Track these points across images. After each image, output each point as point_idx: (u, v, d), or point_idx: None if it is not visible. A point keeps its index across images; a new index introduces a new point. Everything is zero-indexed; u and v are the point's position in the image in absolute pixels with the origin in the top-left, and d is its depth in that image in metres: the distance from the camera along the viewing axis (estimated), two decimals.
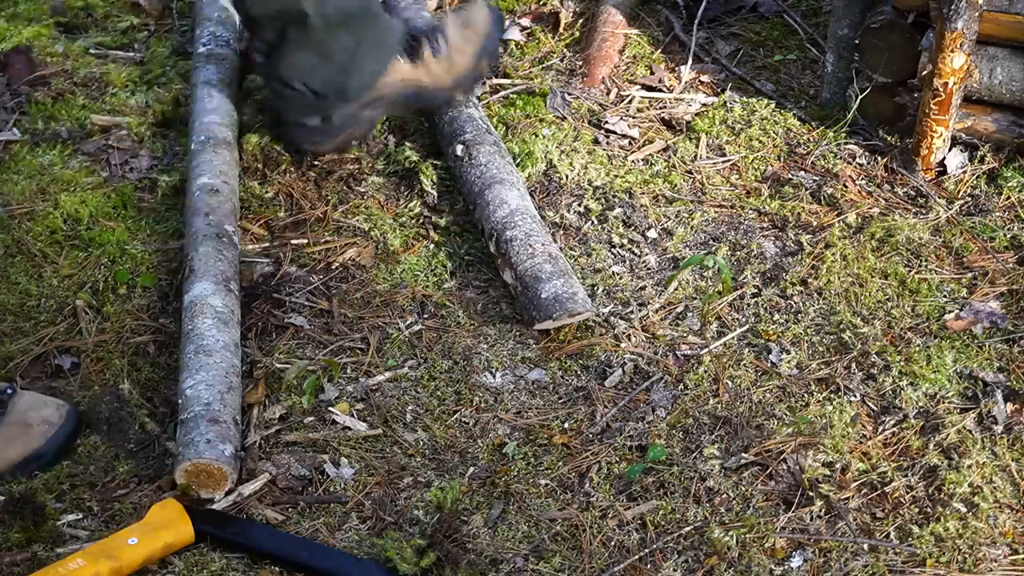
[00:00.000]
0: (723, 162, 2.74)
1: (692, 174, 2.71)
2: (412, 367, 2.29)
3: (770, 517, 1.98)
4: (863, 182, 2.66)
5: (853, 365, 2.25)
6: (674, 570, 1.91)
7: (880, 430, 2.13)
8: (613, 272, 2.46)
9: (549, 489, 2.06)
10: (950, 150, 2.66)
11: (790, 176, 2.68)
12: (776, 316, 2.36)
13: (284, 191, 2.67)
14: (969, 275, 2.42)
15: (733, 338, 2.31)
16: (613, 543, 1.96)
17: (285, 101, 2.63)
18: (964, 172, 2.64)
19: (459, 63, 2.65)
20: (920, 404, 2.17)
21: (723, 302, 2.39)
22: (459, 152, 2.61)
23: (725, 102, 2.89)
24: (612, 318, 2.36)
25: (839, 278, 2.42)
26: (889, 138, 2.75)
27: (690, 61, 3.03)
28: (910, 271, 2.43)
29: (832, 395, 2.19)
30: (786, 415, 2.15)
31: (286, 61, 2.56)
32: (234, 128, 2.70)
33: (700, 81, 2.99)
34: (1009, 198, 2.58)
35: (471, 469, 2.10)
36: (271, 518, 2.02)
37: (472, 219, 2.54)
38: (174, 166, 2.75)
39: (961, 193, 2.61)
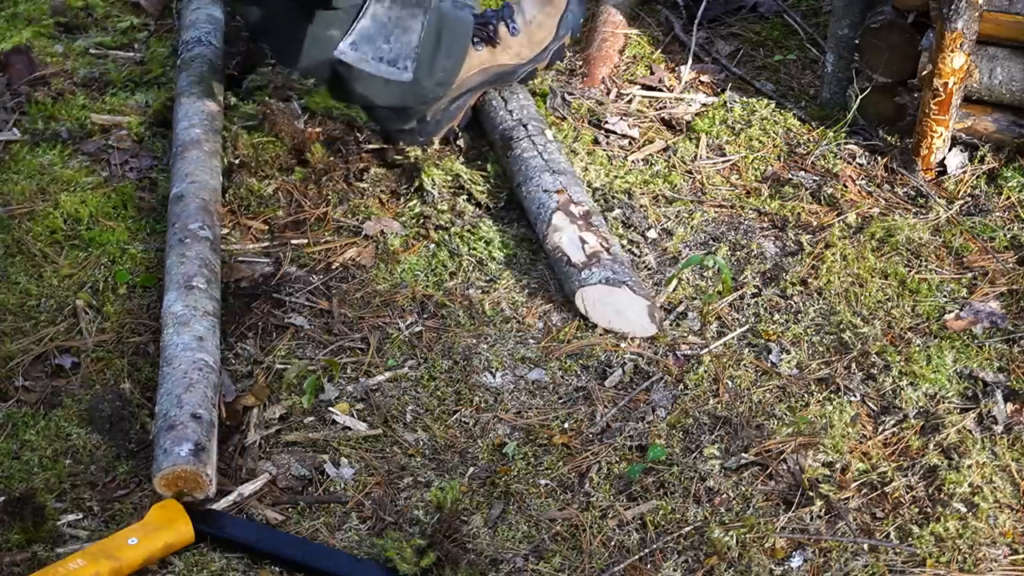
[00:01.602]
0: (723, 162, 2.74)
1: (692, 174, 2.71)
2: (412, 367, 2.29)
3: (770, 517, 1.98)
4: (863, 182, 2.66)
5: (853, 365, 2.25)
6: (674, 570, 1.91)
7: (880, 430, 2.13)
8: None
9: (549, 489, 2.06)
10: (950, 150, 2.66)
11: (790, 176, 2.68)
12: (776, 316, 2.36)
13: (284, 189, 2.67)
14: (969, 275, 2.42)
15: (733, 338, 2.31)
16: (613, 543, 1.96)
17: (372, 118, 2.68)
18: (964, 172, 2.64)
19: (539, 37, 2.68)
20: (920, 404, 2.17)
21: (723, 302, 2.39)
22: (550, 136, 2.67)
23: (725, 102, 2.89)
24: None
25: (839, 278, 2.42)
26: (889, 138, 2.75)
27: (690, 61, 3.03)
28: (910, 271, 2.43)
29: (832, 395, 2.19)
30: (786, 415, 2.16)
31: (352, 92, 2.57)
32: (207, 119, 2.70)
33: (700, 81, 2.99)
34: (1009, 198, 2.58)
35: (471, 469, 2.10)
36: (271, 518, 2.02)
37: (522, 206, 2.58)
38: None
39: (961, 193, 2.61)
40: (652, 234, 2.56)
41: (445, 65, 2.58)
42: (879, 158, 2.71)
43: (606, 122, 2.85)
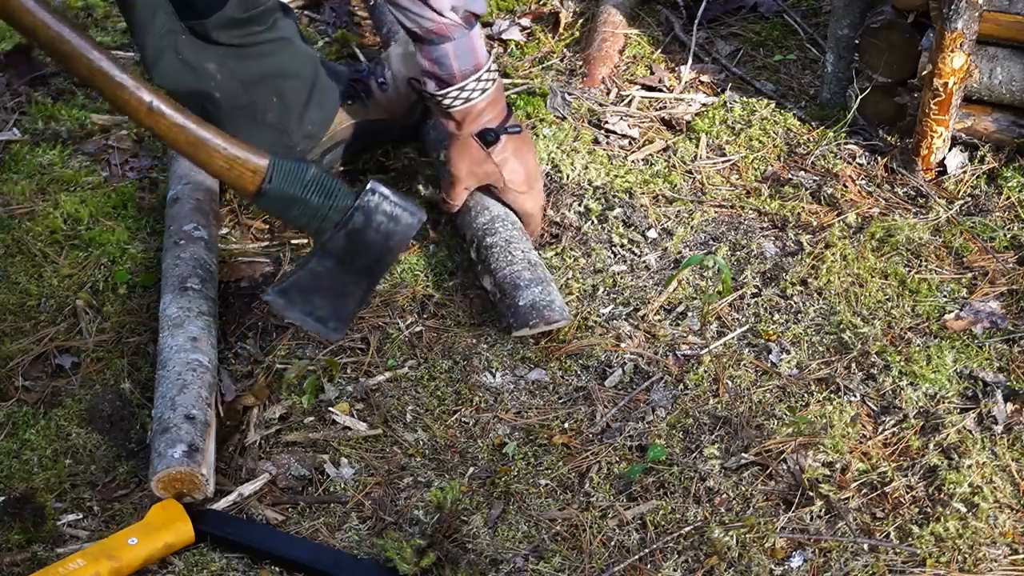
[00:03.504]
0: (723, 162, 2.74)
1: (692, 174, 2.71)
2: (412, 367, 2.29)
3: (770, 517, 1.98)
4: (863, 182, 2.66)
5: (853, 365, 2.25)
6: (674, 570, 1.91)
7: (880, 430, 2.13)
8: (613, 272, 2.46)
9: (549, 489, 2.06)
10: (950, 150, 2.66)
11: (790, 176, 2.68)
12: (776, 316, 2.36)
13: None
14: (969, 275, 2.42)
15: (733, 338, 2.31)
16: (613, 543, 1.96)
17: None
18: (964, 172, 2.64)
19: (405, 91, 2.63)
20: (920, 404, 2.17)
21: (723, 302, 2.39)
22: (442, 157, 2.61)
23: (725, 102, 2.89)
24: (612, 318, 2.36)
25: (839, 278, 2.42)
26: (889, 138, 2.75)
27: (690, 61, 3.03)
28: (910, 271, 2.43)
29: (832, 395, 2.19)
30: (786, 415, 2.15)
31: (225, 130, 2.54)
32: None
33: (700, 81, 2.99)
34: (1009, 198, 2.58)
35: (471, 469, 2.10)
36: (271, 518, 2.02)
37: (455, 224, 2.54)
38: None
39: (961, 193, 2.61)
40: (652, 234, 2.56)
41: (315, 118, 2.55)
42: (879, 158, 2.71)
43: (606, 122, 2.85)
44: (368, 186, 2.07)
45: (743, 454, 2.09)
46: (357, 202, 2.06)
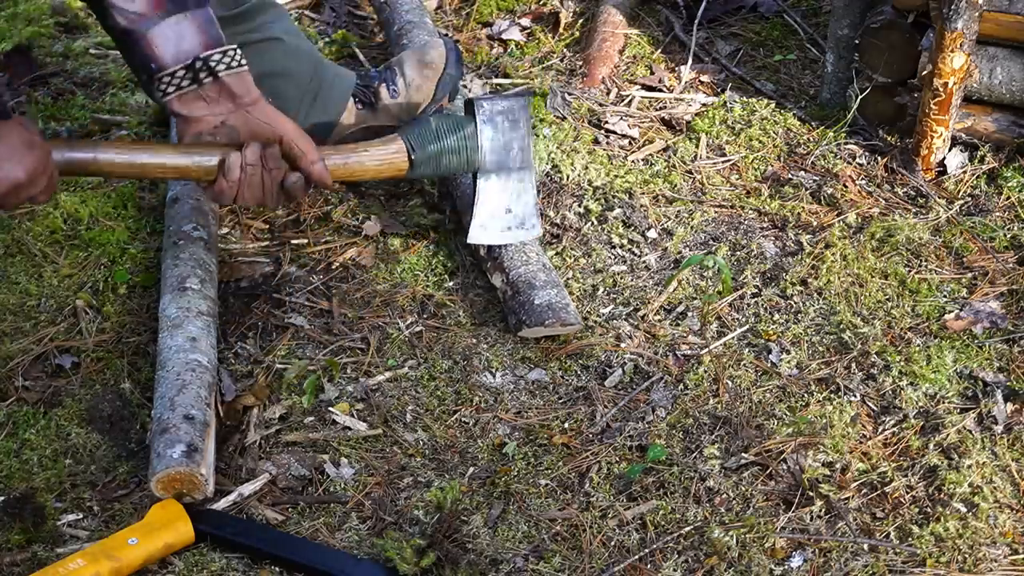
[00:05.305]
0: (723, 162, 2.74)
1: (692, 174, 2.71)
2: (412, 367, 2.29)
3: (770, 517, 1.98)
4: (863, 182, 2.66)
5: (853, 365, 2.25)
6: (674, 570, 1.91)
7: (880, 430, 2.13)
8: (613, 272, 2.47)
9: (549, 489, 2.06)
10: (950, 150, 2.66)
11: (790, 176, 2.68)
12: (776, 316, 2.36)
13: None
14: (969, 275, 2.42)
15: (733, 338, 2.31)
16: (613, 543, 1.96)
17: None
18: (964, 172, 2.64)
19: (417, 99, 2.63)
20: (920, 404, 2.17)
21: (723, 302, 2.39)
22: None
23: (725, 102, 2.89)
24: (612, 318, 2.36)
25: (839, 278, 2.42)
26: (889, 138, 2.75)
27: (690, 61, 3.03)
28: (910, 271, 2.43)
29: (832, 395, 2.19)
30: (786, 415, 2.16)
31: None
32: None
33: (700, 81, 2.99)
34: (1009, 198, 2.58)
35: (471, 469, 2.10)
36: (271, 518, 2.02)
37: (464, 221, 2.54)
38: None
39: (961, 193, 2.61)
40: (652, 234, 2.56)
41: (319, 122, 2.55)
42: (879, 158, 2.71)
43: (606, 122, 2.85)
44: (473, 100, 2.36)
45: (743, 454, 2.09)
46: (476, 119, 2.35)
